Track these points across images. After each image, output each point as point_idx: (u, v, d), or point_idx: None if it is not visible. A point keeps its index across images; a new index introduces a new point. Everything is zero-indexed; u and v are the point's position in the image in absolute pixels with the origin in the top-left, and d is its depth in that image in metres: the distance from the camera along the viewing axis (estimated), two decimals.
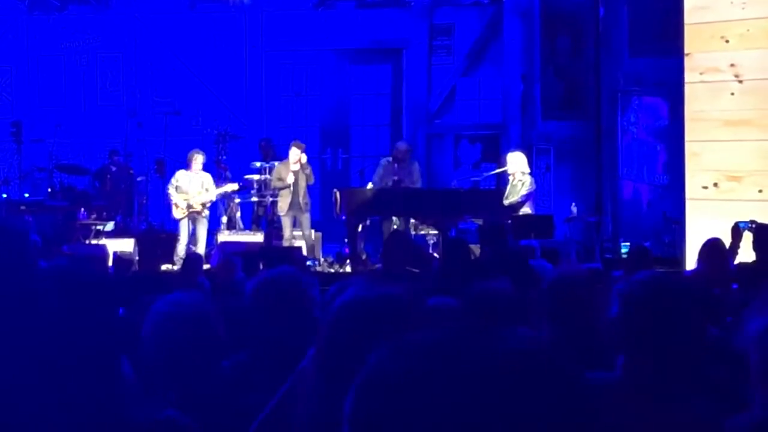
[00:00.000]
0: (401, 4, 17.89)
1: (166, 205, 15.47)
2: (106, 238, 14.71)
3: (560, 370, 1.36)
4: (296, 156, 14.68)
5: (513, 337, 1.42)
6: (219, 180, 15.25)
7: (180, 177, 14.87)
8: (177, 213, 14.84)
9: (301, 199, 14.69)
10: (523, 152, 14.60)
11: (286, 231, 14.74)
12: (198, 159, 14.90)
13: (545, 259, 9.92)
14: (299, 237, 14.76)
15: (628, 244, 12.96)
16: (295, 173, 14.65)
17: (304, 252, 14.24)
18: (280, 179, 14.75)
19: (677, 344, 3.07)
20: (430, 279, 7.54)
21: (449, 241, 10.74)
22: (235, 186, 15.14)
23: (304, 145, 15.01)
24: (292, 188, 14.61)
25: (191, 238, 14.77)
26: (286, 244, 14.45)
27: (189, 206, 14.67)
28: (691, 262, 10.22)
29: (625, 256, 12.27)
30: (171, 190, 14.85)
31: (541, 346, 1.43)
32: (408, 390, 1.33)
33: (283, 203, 14.68)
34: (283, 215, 14.71)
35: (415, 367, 1.36)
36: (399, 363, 1.37)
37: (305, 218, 14.80)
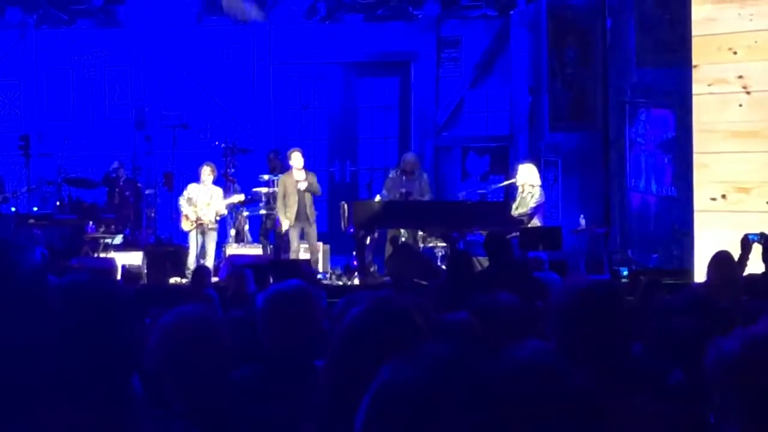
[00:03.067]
0: (408, 17, 17.91)
1: (175, 218, 15.51)
2: (114, 251, 14.74)
3: (569, 383, 1.36)
4: (300, 161, 14.72)
5: (523, 350, 1.41)
6: (227, 193, 15.28)
7: (191, 190, 14.93)
8: (185, 225, 14.87)
9: (307, 209, 14.69)
10: (532, 164, 14.59)
11: (293, 243, 14.73)
12: (206, 171, 14.94)
13: (553, 271, 9.92)
14: (306, 249, 14.77)
15: (627, 269, 12.92)
16: (300, 183, 14.68)
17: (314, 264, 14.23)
18: (285, 195, 14.73)
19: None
20: (436, 292, 7.54)
21: (452, 255, 10.74)
22: (241, 197, 15.15)
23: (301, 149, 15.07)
24: (298, 199, 14.62)
25: (200, 251, 14.79)
26: (293, 256, 14.44)
27: (197, 219, 14.70)
28: (699, 274, 10.19)
29: (625, 280, 12.20)
30: (182, 202, 14.90)
31: (550, 359, 1.43)
32: (421, 403, 1.33)
33: (290, 214, 14.66)
34: (290, 227, 14.70)
35: (428, 380, 1.36)
36: (412, 376, 1.36)
37: (312, 230, 14.80)
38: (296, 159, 14.76)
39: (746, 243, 8.38)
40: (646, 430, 3.02)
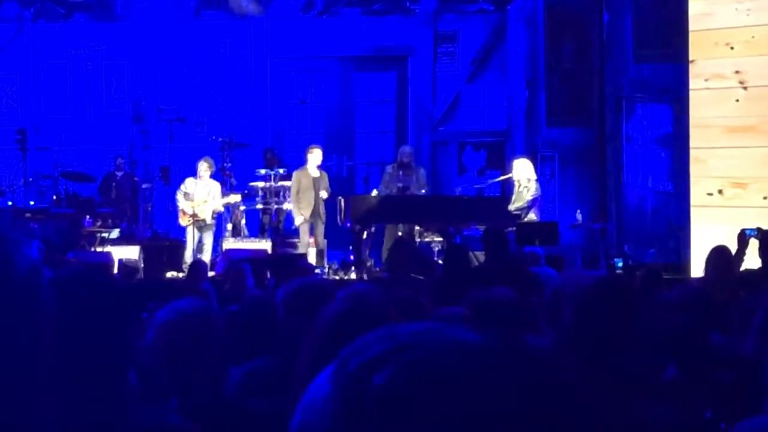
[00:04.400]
0: (406, 11, 17.89)
1: (172, 212, 15.50)
2: (111, 245, 14.72)
3: (559, 379, 1.36)
4: (320, 159, 14.86)
5: (513, 345, 1.41)
6: (224, 187, 15.27)
7: (188, 184, 14.91)
8: (183, 220, 14.87)
9: (320, 208, 14.80)
10: (528, 158, 14.60)
11: (304, 238, 14.78)
12: (203, 167, 14.91)
13: (550, 266, 9.92)
14: (311, 245, 14.82)
15: (621, 261, 12.93)
16: (316, 180, 14.78)
17: (314, 260, 14.25)
18: (299, 191, 14.81)
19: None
20: (432, 287, 7.54)
21: (449, 250, 10.74)
22: (237, 197, 15.15)
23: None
24: (314, 196, 14.73)
25: (197, 246, 14.78)
26: (302, 251, 14.47)
27: (194, 214, 14.68)
28: (696, 269, 10.21)
29: (619, 271, 12.20)
30: (179, 197, 14.89)
31: (539, 354, 1.43)
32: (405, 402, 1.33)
33: (305, 211, 14.72)
34: (302, 223, 14.76)
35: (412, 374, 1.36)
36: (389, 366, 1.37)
37: (321, 226, 14.87)
38: (317, 156, 14.92)
39: (743, 238, 8.39)
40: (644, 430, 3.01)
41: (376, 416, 1.25)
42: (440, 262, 12.36)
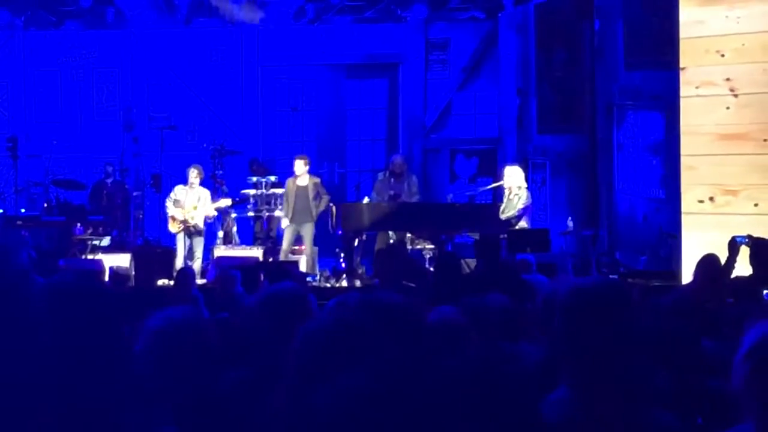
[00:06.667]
0: (397, 19, 17.91)
1: (163, 219, 15.48)
2: (102, 253, 14.68)
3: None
4: (301, 169, 14.83)
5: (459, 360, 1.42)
6: (216, 195, 15.26)
7: (178, 192, 14.91)
8: (173, 227, 14.86)
9: (305, 215, 14.80)
10: (519, 166, 14.61)
11: (285, 243, 14.78)
12: (193, 174, 14.90)
13: (541, 273, 9.93)
14: (298, 252, 14.80)
15: (617, 276, 12.93)
16: (300, 188, 14.78)
17: (305, 266, 14.24)
18: (287, 197, 14.86)
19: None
20: (424, 294, 7.55)
21: (440, 257, 10.75)
22: (228, 201, 15.14)
23: (306, 157, 15.18)
24: (295, 201, 14.72)
25: (188, 253, 14.77)
26: (282, 256, 14.46)
27: (184, 221, 14.67)
28: (687, 276, 10.22)
29: None
30: (168, 204, 14.88)
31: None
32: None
33: (288, 216, 14.75)
34: (286, 227, 14.78)
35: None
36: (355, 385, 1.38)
37: (309, 233, 14.84)
38: (298, 166, 14.91)
39: (733, 245, 8.39)
40: None
41: None
42: (431, 269, 12.37)
